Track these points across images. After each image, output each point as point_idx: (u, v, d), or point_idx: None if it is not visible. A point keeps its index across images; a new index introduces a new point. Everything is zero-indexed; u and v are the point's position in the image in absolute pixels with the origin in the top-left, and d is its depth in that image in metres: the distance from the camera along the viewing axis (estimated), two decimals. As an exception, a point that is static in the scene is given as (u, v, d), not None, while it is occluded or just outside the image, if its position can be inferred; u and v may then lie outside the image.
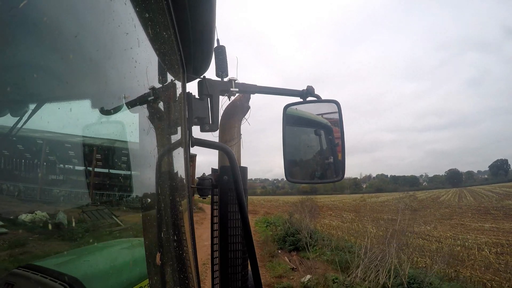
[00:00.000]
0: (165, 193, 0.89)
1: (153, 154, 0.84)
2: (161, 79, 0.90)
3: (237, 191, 0.89)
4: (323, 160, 1.51)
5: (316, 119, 1.53)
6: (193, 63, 1.06)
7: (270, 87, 1.35)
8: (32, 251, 0.55)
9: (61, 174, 0.61)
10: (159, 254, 0.84)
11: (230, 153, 0.92)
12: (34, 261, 0.68)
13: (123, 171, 0.85)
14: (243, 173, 1.07)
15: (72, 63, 0.50)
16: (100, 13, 0.56)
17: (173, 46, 0.91)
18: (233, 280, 1.04)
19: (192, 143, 1.00)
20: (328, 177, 1.48)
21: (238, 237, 1.06)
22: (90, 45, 0.55)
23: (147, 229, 0.89)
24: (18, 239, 0.49)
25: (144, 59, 0.76)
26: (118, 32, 0.62)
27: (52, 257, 0.70)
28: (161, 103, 0.89)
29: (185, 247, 0.97)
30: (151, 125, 0.84)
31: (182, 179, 1.01)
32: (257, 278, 0.90)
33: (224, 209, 1.04)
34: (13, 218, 0.50)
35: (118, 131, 0.73)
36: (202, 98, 1.09)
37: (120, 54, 0.66)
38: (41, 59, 0.46)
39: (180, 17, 0.84)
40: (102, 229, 0.72)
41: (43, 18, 0.42)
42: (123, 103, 0.68)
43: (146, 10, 0.71)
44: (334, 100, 1.39)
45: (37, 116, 0.53)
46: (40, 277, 0.71)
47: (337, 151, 1.44)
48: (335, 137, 1.47)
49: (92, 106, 0.61)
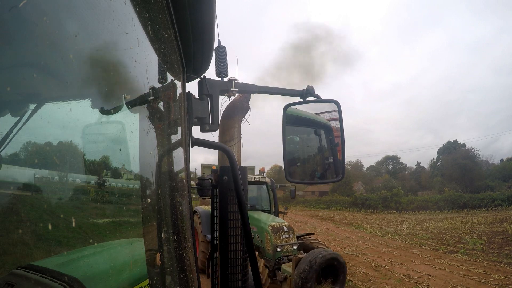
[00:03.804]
0: (165, 193, 0.89)
1: (153, 154, 0.84)
2: (161, 79, 0.90)
3: (237, 191, 0.89)
4: (323, 160, 1.51)
5: (316, 119, 1.53)
6: (193, 63, 1.06)
7: (270, 87, 1.35)
8: (32, 251, 0.55)
9: (61, 174, 0.61)
10: (159, 254, 0.84)
11: (230, 153, 0.92)
12: (34, 261, 0.68)
13: (123, 171, 0.85)
14: (243, 173, 1.07)
15: (72, 63, 0.50)
16: (100, 12, 0.56)
17: (173, 46, 0.91)
18: (233, 280, 1.04)
19: (192, 143, 1.00)
20: (328, 177, 1.48)
21: (238, 237, 1.06)
22: (90, 45, 0.55)
23: (147, 229, 0.89)
24: (18, 239, 0.49)
25: (144, 59, 0.76)
26: (118, 32, 0.62)
27: (52, 257, 0.70)
28: (161, 103, 0.89)
29: (185, 247, 0.97)
30: (151, 125, 0.84)
31: (182, 179, 1.01)
32: (257, 278, 0.90)
33: (224, 209, 1.04)
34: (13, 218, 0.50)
35: (118, 131, 0.72)
36: (202, 98, 1.09)
37: (120, 54, 0.66)
38: (41, 59, 0.46)
39: (180, 17, 0.84)
40: (102, 229, 0.72)
41: (43, 18, 0.42)
42: (123, 103, 0.68)
43: (146, 9, 0.71)
44: (334, 100, 1.39)
45: (37, 116, 0.53)
46: (40, 277, 0.71)
47: (337, 151, 1.44)
48: (335, 137, 1.47)
49: (92, 106, 0.61)
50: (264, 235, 5.73)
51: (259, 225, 6.05)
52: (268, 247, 5.62)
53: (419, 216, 25.34)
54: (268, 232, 5.64)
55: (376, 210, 32.36)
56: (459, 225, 18.04)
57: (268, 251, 5.63)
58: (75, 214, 0.60)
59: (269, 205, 7.72)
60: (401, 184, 40.07)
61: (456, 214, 24.88)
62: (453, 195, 29.34)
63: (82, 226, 0.62)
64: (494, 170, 38.72)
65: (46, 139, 0.54)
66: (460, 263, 9.42)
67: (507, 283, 7.36)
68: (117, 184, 0.75)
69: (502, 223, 16.98)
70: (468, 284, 7.37)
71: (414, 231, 16.69)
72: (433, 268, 8.90)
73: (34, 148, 0.55)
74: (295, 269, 4.48)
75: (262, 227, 5.91)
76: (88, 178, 0.67)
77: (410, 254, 10.93)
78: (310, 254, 4.57)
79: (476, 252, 10.88)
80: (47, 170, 0.58)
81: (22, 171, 0.54)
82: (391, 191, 33.98)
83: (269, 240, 5.60)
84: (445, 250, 11.42)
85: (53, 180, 0.58)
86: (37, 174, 0.55)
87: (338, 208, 37.13)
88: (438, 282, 7.61)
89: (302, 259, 4.53)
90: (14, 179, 0.54)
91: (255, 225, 6.15)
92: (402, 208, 31.08)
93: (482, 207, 26.48)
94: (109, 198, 0.73)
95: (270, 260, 5.46)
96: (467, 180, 34.87)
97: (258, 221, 6.20)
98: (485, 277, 7.91)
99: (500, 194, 27.60)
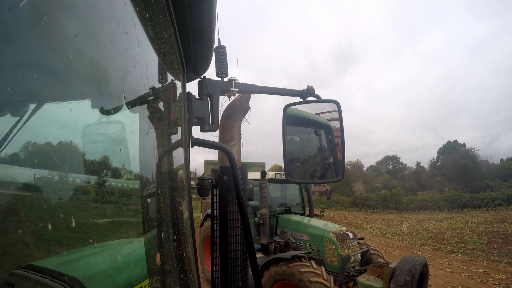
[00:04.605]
0: (165, 193, 0.89)
1: (153, 154, 0.84)
2: (161, 79, 0.90)
3: (237, 191, 0.89)
4: (323, 160, 1.51)
5: (316, 119, 1.54)
6: (193, 63, 1.06)
7: (270, 87, 1.35)
8: (32, 251, 0.55)
9: (61, 174, 0.61)
10: (159, 254, 0.84)
11: (230, 153, 0.92)
12: (34, 261, 0.68)
13: (123, 171, 0.85)
14: (243, 173, 1.07)
15: (72, 63, 0.50)
16: (100, 12, 0.56)
17: (173, 46, 0.91)
18: (233, 280, 1.04)
19: (192, 143, 1.00)
20: (328, 177, 1.48)
21: (238, 237, 1.06)
22: (90, 45, 0.55)
23: (147, 229, 0.89)
24: (18, 239, 0.49)
25: (144, 59, 0.76)
26: (118, 31, 0.62)
27: (52, 257, 0.70)
28: (161, 103, 0.89)
29: (185, 247, 0.97)
30: (151, 125, 0.84)
31: (182, 179, 1.01)
32: (257, 278, 0.90)
33: (224, 209, 1.04)
34: (13, 218, 0.50)
35: (118, 131, 0.72)
36: (202, 98, 1.09)
37: (120, 54, 0.66)
38: (41, 59, 0.46)
39: (180, 17, 0.84)
40: (102, 229, 0.72)
41: (43, 18, 0.42)
42: (123, 103, 0.68)
43: (146, 9, 0.71)
44: (334, 100, 1.39)
45: (37, 116, 0.53)
46: (40, 277, 0.71)
47: (337, 151, 1.44)
48: (335, 137, 1.47)
49: (92, 106, 0.61)
50: (325, 244, 4.80)
51: (314, 233, 5.04)
52: (331, 258, 4.72)
53: (419, 216, 25.36)
54: (331, 241, 4.73)
55: (376, 210, 32.35)
56: (459, 225, 18.06)
57: (331, 263, 4.71)
58: (75, 214, 0.60)
59: (302, 207, 6.62)
60: (401, 184, 40.12)
61: (456, 214, 24.92)
62: (453, 195, 29.38)
63: (82, 226, 0.62)
64: (494, 170, 38.79)
65: (46, 139, 0.54)
66: (460, 263, 9.44)
67: (507, 282, 7.37)
68: (117, 184, 0.75)
69: (502, 223, 17.01)
70: (468, 284, 7.38)
71: (414, 230, 16.69)
72: (433, 267, 8.90)
73: (34, 148, 0.55)
74: (392, 282, 3.75)
75: (319, 235, 4.93)
76: (88, 178, 0.67)
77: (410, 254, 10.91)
78: (405, 263, 3.88)
79: (476, 251, 10.89)
80: (47, 170, 0.58)
81: (22, 171, 0.54)
82: (391, 191, 34.00)
83: (332, 250, 4.71)
84: (445, 250, 11.43)
85: (53, 180, 0.58)
86: (37, 174, 0.55)
87: (338, 208, 37.15)
88: (438, 281, 7.61)
89: (397, 269, 3.81)
90: (14, 179, 0.54)
91: (306, 233, 5.16)
92: (402, 208, 31.11)
93: (482, 207, 26.53)
94: (109, 198, 0.73)
95: (335, 274, 4.52)
96: (467, 180, 34.93)
97: (311, 227, 5.19)
98: (485, 276, 7.92)
99: (500, 194, 27.64)
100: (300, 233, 5.29)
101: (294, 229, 5.45)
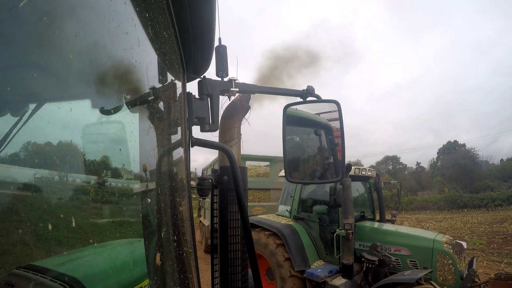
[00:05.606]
0: (165, 193, 0.89)
1: (153, 154, 0.84)
2: (161, 79, 0.90)
3: (237, 191, 0.89)
4: (323, 160, 1.51)
5: (316, 119, 1.54)
6: (193, 63, 1.06)
7: (270, 87, 1.36)
8: (32, 251, 0.55)
9: (61, 174, 0.61)
10: (159, 254, 0.84)
11: (230, 153, 0.92)
12: (34, 261, 0.68)
13: (123, 171, 0.85)
14: (243, 173, 1.07)
15: (72, 63, 0.50)
16: (100, 12, 0.56)
17: (173, 46, 0.91)
18: (233, 280, 1.04)
19: (192, 143, 1.00)
20: (328, 177, 1.48)
21: (238, 237, 1.06)
22: (90, 45, 0.55)
23: (147, 229, 0.89)
24: (18, 239, 0.49)
25: (144, 59, 0.76)
26: (118, 31, 0.62)
27: (52, 257, 0.70)
28: (161, 103, 0.89)
29: (185, 247, 0.97)
30: (151, 125, 0.84)
31: (182, 179, 1.01)
32: (257, 278, 0.90)
33: (224, 209, 1.04)
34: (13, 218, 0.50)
35: (118, 131, 0.72)
36: (202, 98, 1.09)
37: (120, 54, 0.66)
38: (41, 59, 0.46)
39: (180, 17, 0.84)
40: (102, 229, 0.72)
41: (43, 18, 0.42)
42: (123, 103, 0.68)
43: (146, 9, 0.71)
44: (334, 100, 1.39)
45: (37, 116, 0.53)
46: (40, 277, 0.71)
47: (337, 151, 1.44)
48: (335, 137, 1.47)
49: (92, 106, 0.61)
50: (437, 259, 3.83)
51: (420, 245, 4.01)
52: (445, 276, 3.75)
53: (419, 216, 25.35)
54: (448, 254, 3.78)
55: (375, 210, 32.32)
56: (459, 225, 18.06)
57: (444, 282, 3.75)
58: (75, 214, 0.60)
59: (372, 211, 5.57)
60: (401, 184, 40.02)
61: (456, 214, 24.89)
62: (453, 195, 29.36)
63: (82, 226, 0.62)
64: (494, 170, 38.78)
65: (46, 139, 0.54)
66: (460, 263, 9.43)
67: (507, 283, 7.36)
68: (117, 184, 0.74)
69: (502, 223, 17.00)
70: (468, 284, 7.37)
71: (414, 231, 16.66)
72: (433, 268, 8.88)
73: (34, 148, 0.55)
74: None
75: (428, 247, 3.92)
76: (88, 178, 0.67)
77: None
78: None
79: (476, 252, 10.89)
80: (47, 170, 0.58)
81: (22, 171, 0.54)
82: (391, 191, 34.01)
83: (448, 266, 3.77)
84: (445, 250, 11.42)
85: (53, 180, 0.58)
86: (37, 174, 0.55)
87: (337, 208, 37.00)
88: (438, 282, 7.61)
89: None
90: (14, 179, 0.53)
91: (406, 245, 4.10)
92: (402, 208, 31.10)
93: (482, 207, 26.51)
94: (109, 198, 0.73)
95: None
96: (467, 180, 34.93)
97: (414, 238, 4.14)
98: (485, 276, 7.91)
99: (500, 194, 27.60)
100: (395, 246, 4.20)
101: (383, 241, 4.30)
